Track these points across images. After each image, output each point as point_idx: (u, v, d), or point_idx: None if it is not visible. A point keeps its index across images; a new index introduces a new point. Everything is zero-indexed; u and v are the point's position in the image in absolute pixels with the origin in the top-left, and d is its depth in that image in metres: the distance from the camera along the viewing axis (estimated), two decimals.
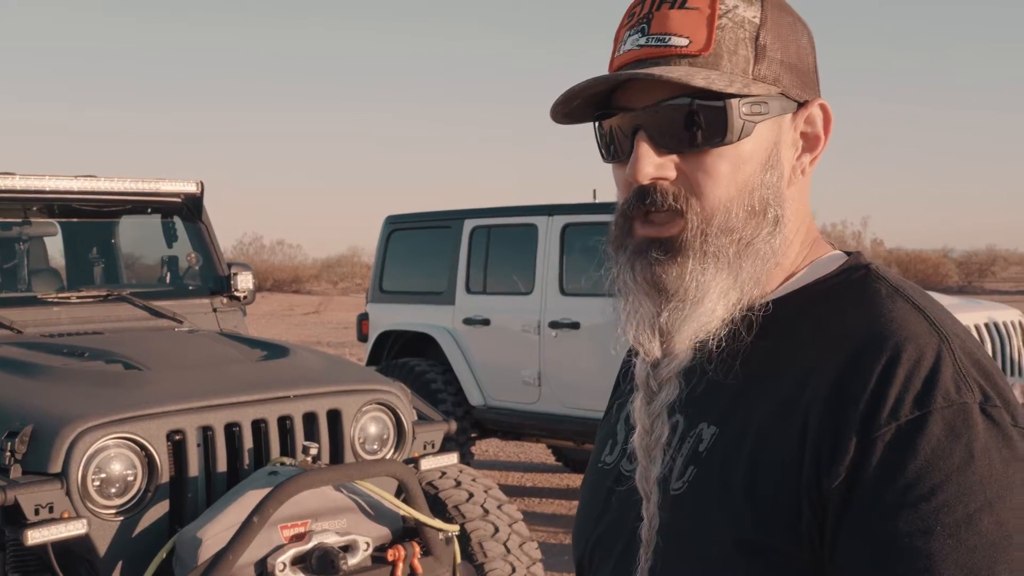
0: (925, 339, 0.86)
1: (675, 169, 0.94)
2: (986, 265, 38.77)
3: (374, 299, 8.01)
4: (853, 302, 0.93)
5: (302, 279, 39.92)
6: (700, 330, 0.93)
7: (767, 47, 0.94)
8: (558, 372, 6.65)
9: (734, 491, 0.88)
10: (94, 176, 4.73)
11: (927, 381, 0.83)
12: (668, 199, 0.93)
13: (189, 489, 3.25)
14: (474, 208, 7.46)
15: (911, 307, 0.91)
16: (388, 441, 3.76)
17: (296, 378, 3.67)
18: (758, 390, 0.92)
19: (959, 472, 0.79)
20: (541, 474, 8.38)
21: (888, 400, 0.83)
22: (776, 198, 0.95)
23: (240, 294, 4.96)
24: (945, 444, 0.80)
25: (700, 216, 0.93)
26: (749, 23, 0.93)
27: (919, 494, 0.79)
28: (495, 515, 4.04)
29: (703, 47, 0.92)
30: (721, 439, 0.92)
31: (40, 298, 4.47)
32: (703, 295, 0.92)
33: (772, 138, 0.95)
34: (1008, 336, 6.34)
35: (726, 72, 0.92)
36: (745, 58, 0.93)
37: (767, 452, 0.87)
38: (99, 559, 3.07)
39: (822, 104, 0.98)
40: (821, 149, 0.98)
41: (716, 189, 0.93)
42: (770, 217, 0.94)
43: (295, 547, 3.12)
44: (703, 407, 0.95)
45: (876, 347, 0.86)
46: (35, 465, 3.02)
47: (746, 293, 0.94)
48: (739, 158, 0.93)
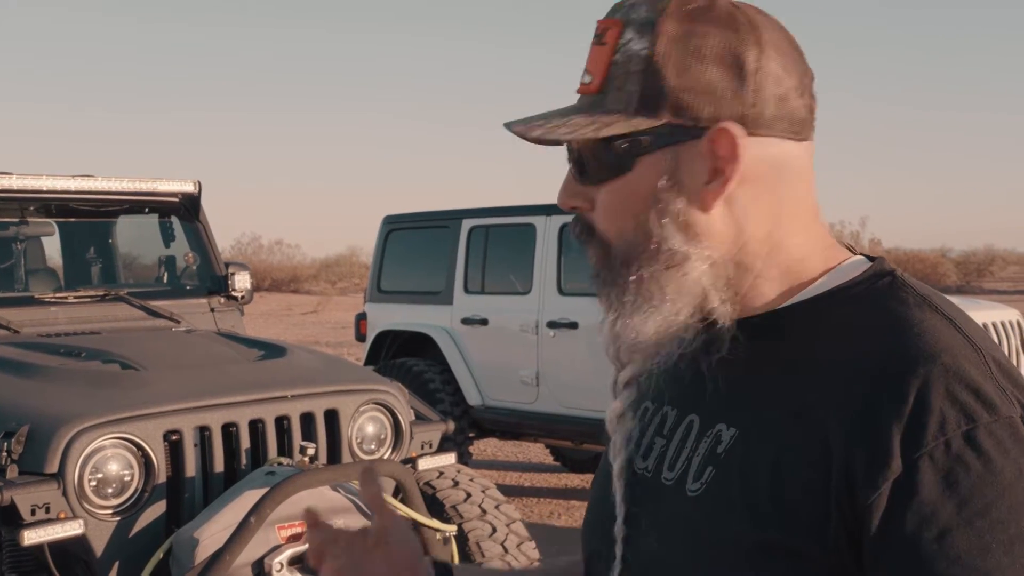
0: (962, 351, 0.85)
1: (588, 200, 0.99)
2: (984, 265, 38.81)
3: (372, 299, 8.00)
4: (881, 311, 0.92)
5: (300, 279, 39.90)
6: (633, 345, 0.97)
7: (656, 77, 0.93)
8: (556, 372, 6.65)
9: (757, 493, 0.87)
10: (91, 176, 4.73)
11: (971, 395, 0.82)
12: (577, 230, 1.00)
13: (186, 489, 3.24)
14: (472, 208, 7.46)
15: (941, 317, 0.90)
16: (386, 441, 3.76)
17: (294, 378, 3.66)
18: (780, 393, 0.91)
19: (1011, 488, 0.79)
20: (539, 474, 8.37)
21: (932, 415, 0.81)
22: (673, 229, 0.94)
23: (238, 294, 4.96)
24: (996, 459, 0.80)
25: (599, 250, 0.99)
26: (637, 57, 0.93)
27: (973, 511, 0.79)
28: (493, 515, 4.03)
29: (595, 88, 0.96)
30: (741, 441, 0.91)
31: (37, 298, 4.47)
32: (623, 314, 0.96)
33: (663, 169, 0.94)
34: (1007, 336, 6.34)
35: (604, 112, 0.94)
36: (631, 93, 0.94)
37: (791, 456, 0.87)
38: (96, 559, 3.07)
39: (720, 129, 0.93)
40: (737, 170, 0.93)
41: (609, 222, 0.97)
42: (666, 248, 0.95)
43: (292, 547, 3.12)
44: (722, 407, 0.95)
45: (912, 360, 0.85)
46: (32, 465, 3.01)
47: (691, 311, 0.95)
48: (628, 192, 0.95)
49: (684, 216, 0.94)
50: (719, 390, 0.95)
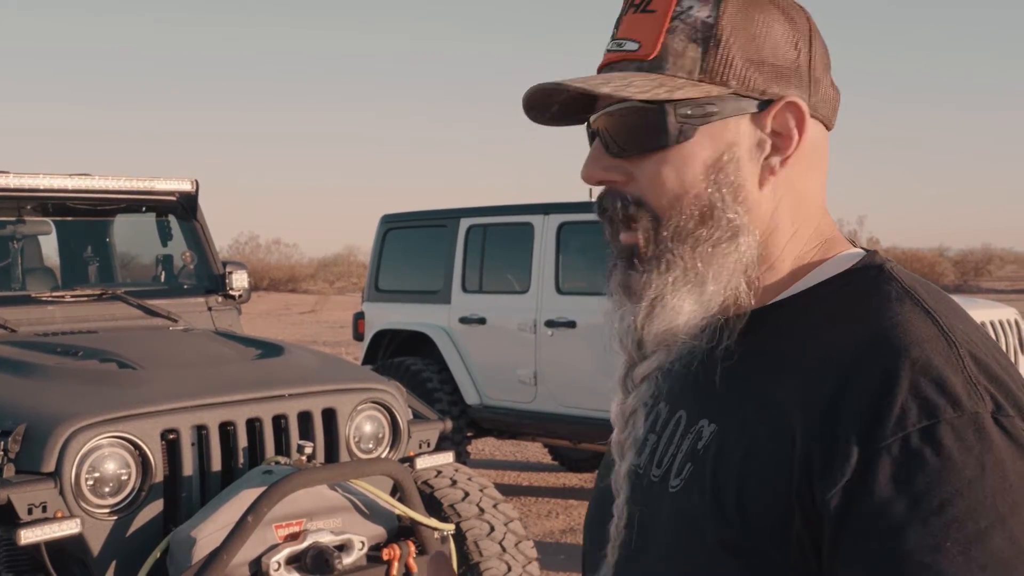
0: (932, 345, 0.83)
1: (625, 173, 0.94)
2: (982, 264, 38.86)
3: (370, 298, 8.00)
4: (861, 304, 0.90)
5: (298, 278, 39.89)
6: (664, 332, 0.93)
7: (721, 46, 0.92)
8: (554, 371, 6.65)
9: (724, 491, 0.86)
10: (89, 175, 4.72)
11: (935, 390, 0.80)
12: (617, 208, 0.95)
13: (183, 488, 3.24)
14: (470, 207, 7.45)
15: (920, 310, 0.88)
16: (383, 440, 3.75)
17: (291, 377, 3.66)
18: (758, 390, 0.90)
19: (970, 486, 0.76)
20: (537, 473, 8.37)
21: (893, 409, 0.79)
22: (731, 201, 0.93)
23: (235, 293, 4.95)
24: (955, 456, 0.77)
25: (649, 222, 0.94)
26: (702, 23, 0.92)
27: (928, 509, 0.76)
28: (491, 514, 4.03)
29: (649, 51, 0.92)
30: (718, 437, 0.91)
31: (34, 297, 4.46)
32: (661, 299, 0.93)
33: (726, 139, 0.93)
34: (1004, 335, 6.35)
35: (668, 75, 0.92)
36: (693, 59, 0.92)
37: (757, 454, 0.86)
38: (93, 559, 3.06)
39: (791, 102, 0.94)
40: (794, 148, 0.94)
41: (661, 195, 0.93)
42: (724, 221, 0.93)
43: (290, 546, 3.12)
44: (705, 403, 0.94)
45: (879, 352, 0.83)
46: (28, 464, 3.01)
47: (722, 297, 0.93)
48: (683, 162, 0.93)
49: (741, 190, 0.93)
50: (706, 386, 0.95)
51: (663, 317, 0.93)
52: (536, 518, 6.80)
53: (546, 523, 6.68)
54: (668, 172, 0.93)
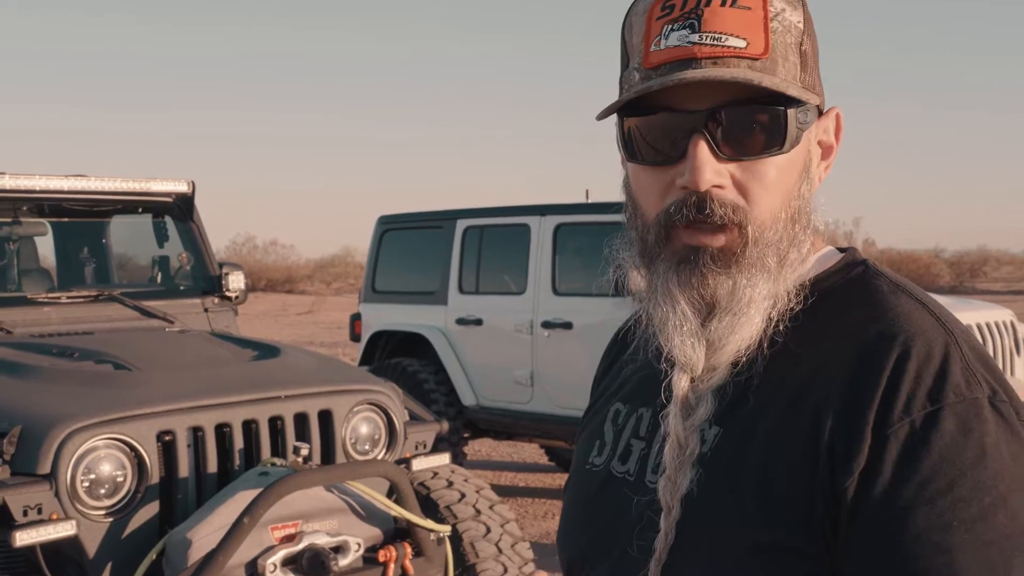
0: (932, 334, 0.87)
1: (729, 178, 0.90)
2: (977, 265, 38.88)
3: (367, 299, 7.99)
4: (857, 299, 0.93)
5: (295, 279, 39.86)
6: (744, 342, 0.91)
7: (808, 54, 0.92)
8: (551, 372, 6.65)
9: (743, 492, 0.87)
10: (85, 176, 4.71)
11: (938, 377, 0.83)
12: (727, 211, 0.90)
13: (179, 490, 3.23)
14: (467, 208, 7.45)
15: (915, 303, 0.91)
16: (379, 441, 3.75)
17: (287, 378, 3.65)
18: (762, 389, 0.91)
19: (973, 467, 0.80)
20: (534, 474, 8.37)
21: (900, 397, 0.83)
22: (808, 206, 0.94)
23: (231, 294, 4.94)
24: (959, 439, 0.81)
25: (754, 228, 0.90)
26: (795, 28, 0.91)
27: (935, 489, 0.80)
28: (487, 515, 4.03)
29: (762, 51, 0.88)
30: (725, 439, 0.91)
31: (30, 298, 4.45)
32: (749, 306, 0.90)
33: (808, 147, 0.94)
34: (1000, 336, 6.35)
35: (782, 78, 0.89)
36: (795, 64, 0.91)
37: (778, 452, 0.87)
38: (88, 560, 3.05)
39: (838, 113, 0.97)
40: (833, 156, 0.98)
41: (769, 200, 0.91)
42: (803, 225, 0.94)
43: (286, 548, 3.11)
44: None
45: (886, 344, 0.86)
46: (24, 466, 3.00)
47: (780, 300, 0.92)
48: (788, 167, 0.92)
49: (811, 198, 0.95)
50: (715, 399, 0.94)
51: (746, 326, 0.90)
52: (533, 519, 6.80)
53: (543, 524, 6.68)
54: (776, 177, 0.91)
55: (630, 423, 1.02)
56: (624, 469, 1.00)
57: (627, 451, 1.01)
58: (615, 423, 1.05)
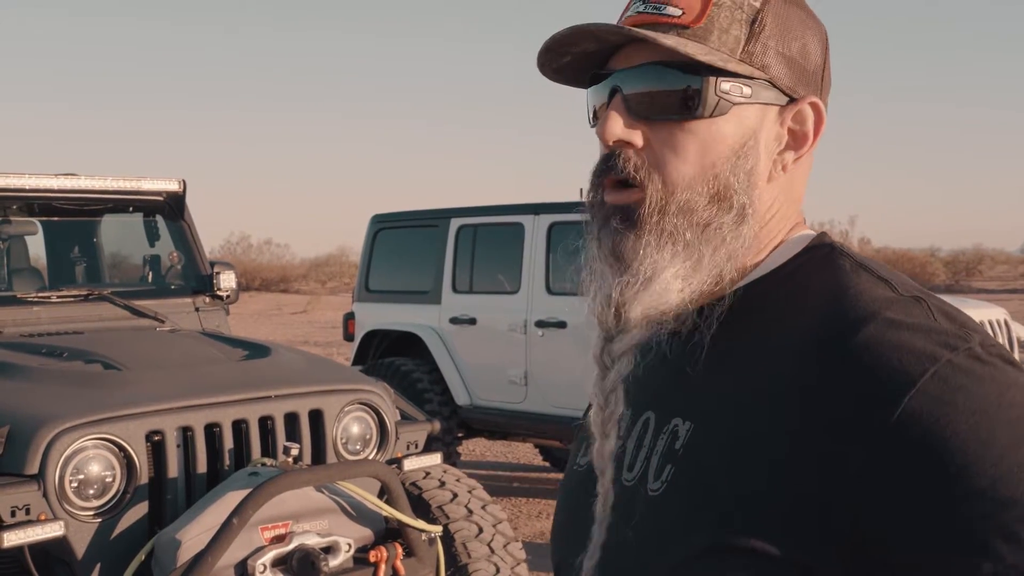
0: (900, 305, 0.84)
1: (643, 138, 0.92)
2: (973, 264, 38.99)
3: (360, 298, 7.98)
4: (819, 281, 0.91)
5: (290, 278, 39.85)
6: (652, 308, 0.91)
7: (763, 33, 0.92)
8: (544, 371, 6.63)
9: (717, 490, 0.84)
10: (75, 174, 4.69)
11: (924, 338, 0.80)
12: (629, 168, 0.91)
13: (168, 490, 3.21)
14: (460, 207, 7.44)
15: (876, 279, 0.89)
16: (371, 441, 3.73)
17: (278, 378, 3.64)
18: (730, 381, 0.88)
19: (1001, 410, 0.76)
20: (528, 474, 8.36)
21: (891, 372, 0.78)
22: (745, 187, 0.92)
23: (223, 293, 4.93)
24: (973, 388, 0.77)
25: (659, 191, 0.91)
26: (748, 6, 0.92)
27: (976, 449, 0.74)
28: (479, 515, 4.02)
29: (694, 19, 0.90)
30: (696, 435, 0.88)
31: (20, 297, 4.43)
32: (655, 273, 0.90)
33: (751, 125, 0.93)
34: (994, 335, 6.35)
35: (713, 48, 0.90)
36: (736, 38, 0.91)
37: (748, 447, 0.83)
38: (77, 561, 3.03)
39: (814, 103, 0.95)
40: (807, 148, 0.95)
41: (680, 166, 0.91)
42: (735, 205, 0.92)
43: (276, 548, 3.10)
44: (675, 401, 0.92)
45: (855, 323, 0.83)
46: (12, 466, 2.98)
47: (710, 281, 0.91)
48: (710, 137, 0.91)
49: (756, 176, 0.93)
50: (672, 384, 0.93)
51: (653, 293, 0.90)
52: (527, 519, 6.78)
53: (536, 524, 6.67)
54: (692, 144, 0.91)
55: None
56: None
57: None
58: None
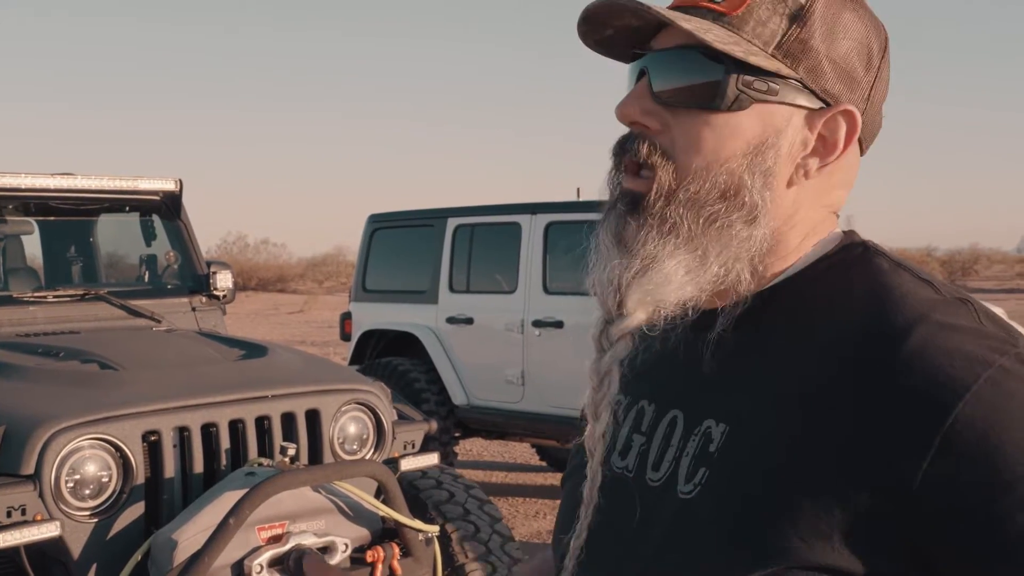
0: (947, 307, 0.83)
1: (660, 122, 0.90)
2: (969, 263, 39.09)
3: (357, 298, 7.97)
4: (858, 282, 0.88)
5: (287, 278, 39.82)
6: (650, 296, 0.89)
7: (804, 30, 0.89)
8: (542, 371, 6.63)
9: (756, 494, 0.82)
10: (71, 174, 4.68)
11: (975, 341, 0.79)
12: (643, 151, 0.90)
13: (165, 490, 3.21)
14: (457, 207, 7.43)
15: (917, 279, 0.87)
16: (368, 441, 3.73)
17: (274, 378, 3.63)
18: (765, 382, 0.87)
19: None
20: (525, 473, 8.36)
21: (942, 377, 0.77)
22: (759, 187, 0.89)
23: (219, 293, 4.92)
24: (1006, 407, 0.76)
25: (670, 179, 0.89)
26: (793, 1, 0.89)
27: (1014, 474, 0.74)
28: (476, 515, 4.01)
29: (732, 7, 0.88)
30: (733, 437, 0.86)
31: (16, 297, 4.42)
32: (654, 261, 0.88)
33: (776, 124, 0.89)
34: None
35: (744, 39, 0.88)
36: (773, 32, 0.88)
37: (791, 450, 0.81)
38: (73, 561, 3.03)
39: (849, 111, 0.91)
40: (835, 158, 0.91)
41: (694, 156, 0.89)
42: (746, 204, 0.89)
43: (272, 549, 3.09)
44: (705, 401, 0.90)
45: (904, 325, 0.81)
46: (7, 466, 2.97)
47: (718, 280, 0.89)
48: (728, 131, 0.89)
49: (771, 179, 0.90)
50: (702, 383, 0.91)
51: (652, 280, 0.89)
52: (524, 518, 6.78)
53: (533, 523, 6.67)
54: (708, 136, 0.89)
55: (630, 416, 0.98)
56: (623, 464, 0.96)
57: (627, 446, 0.97)
58: (615, 416, 1.00)
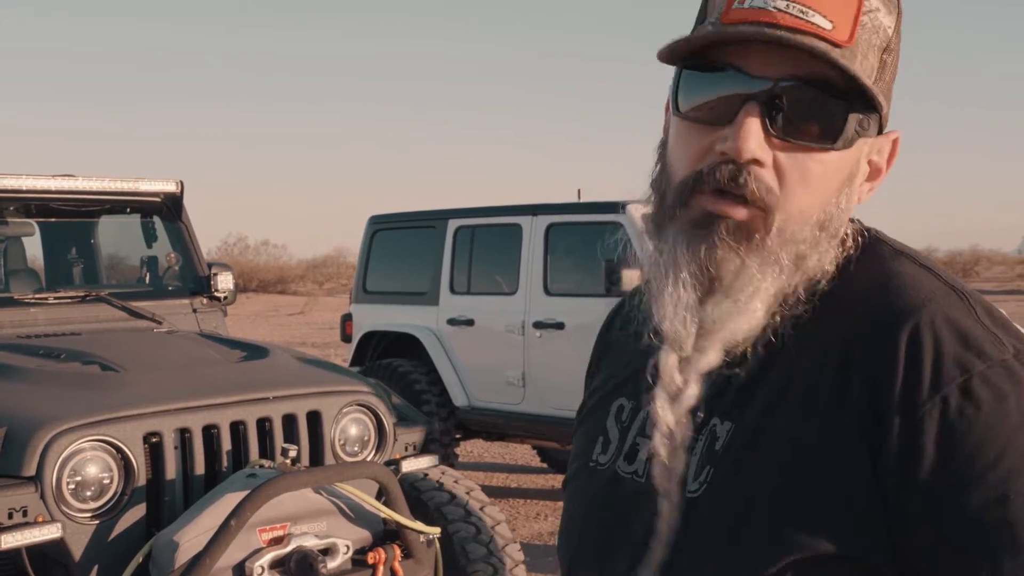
0: (945, 299, 0.83)
1: (771, 156, 0.85)
2: (970, 265, 39.11)
3: (358, 299, 7.97)
4: (860, 272, 0.89)
5: (287, 279, 39.80)
6: (739, 332, 0.86)
7: (888, 63, 0.87)
8: (542, 372, 6.63)
9: (762, 490, 0.83)
10: (72, 175, 4.68)
11: (960, 344, 0.79)
12: (761, 190, 0.84)
13: (166, 492, 3.21)
14: (458, 208, 7.43)
15: (918, 267, 0.87)
16: (369, 443, 3.73)
17: (276, 379, 3.63)
18: (771, 378, 0.87)
19: (1016, 432, 0.76)
20: (526, 475, 8.35)
21: (924, 373, 0.79)
22: (842, 218, 0.89)
23: (220, 295, 4.92)
24: (995, 407, 0.77)
25: (782, 217, 0.85)
26: (883, 31, 0.86)
27: (984, 464, 0.76)
28: (477, 517, 4.01)
29: (846, 38, 0.83)
30: (737, 435, 0.87)
31: (17, 299, 4.42)
32: (752, 297, 0.86)
33: (857, 158, 0.89)
34: None
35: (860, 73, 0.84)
36: (872, 67, 0.86)
37: (797, 447, 0.82)
38: (74, 563, 3.03)
39: (897, 135, 0.92)
40: (879, 181, 0.92)
41: (805, 195, 0.86)
42: (831, 235, 0.88)
43: (274, 550, 3.09)
44: (713, 401, 0.90)
45: (899, 317, 0.82)
46: (9, 468, 2.97)
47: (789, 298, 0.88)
48: (835, 169, 0.86)
49: (850, 207, 0.90)
50: (708, 383, 0.90)
51: (743, 319, 0.86)
52: (524, 520, 6.78)
53: (534, 525, 6.67)
54: (821, 174, 0.86)
55: (637, 420, 0.98)
56: (631, 469, 0.95)
57: (633, 450, 0.96)
58: (619, 419, 1.00)
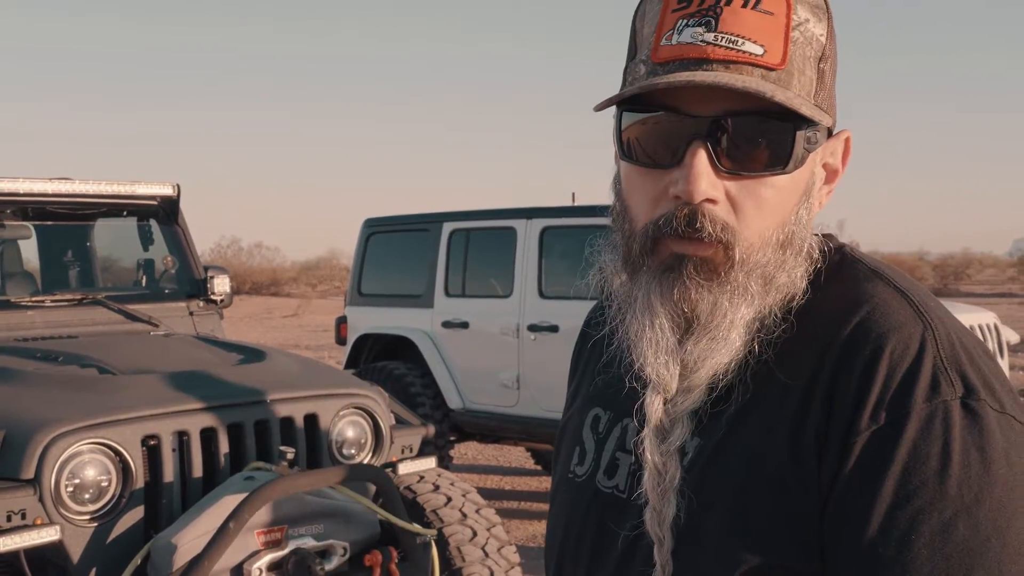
0: (909, 329, 0.82)
1: (722, 192, 0.84)
2: (961, 268, 39.17)
3: (352, 302, 7.98)
4: (832, 291, 0.88)
5: (281, 282, 39.77)
6: (720, 366, 0.86)
7: (826, 72, 0.86)
8: (537, 375, 6.65)
9: (724, 506, 0.84)
10: (69, 179, 4.69)
11: (906, 379, 0.79)
12: (717, 229, 0.84)
13: (164, 495, 3.22)
14: (453, 211, 7.45)
15: (893, 290, 0.86)
16: (366, 445, 3.74)
17: (273, 382, 3.64)
18: (741, 396, 0.87)
19: (935, 477, 0.76)
20: (520, 477, 8.36)
21: (868, 402, 0.79)
22: (804, 231, 0.88)
23: (217, 297, 4.93)
24: (921, 448, 0.77)
25: (741, 250, 0.85)
26: (816, 41, 0.85)
27: (895, 501, 0.76)
28: (473, 519, 4.03)
29: (779, 61, 0.82)
30: (704, 451, 0.88)
31: (13, 302, 4.42)
32: (730, 331, 0.85)
33: (812, 169, 0.88)
34: (983, 339, 6.39)
35: (795, 93, 0.84)
36: (810, 80, 0.85)
37: (752, 462, 0.84)
38: (73, 566, 3.04)
39: (848, 135, 0.91)
40: (837, 182, 0.92)
41: (762, 222, 0.85)
42: (796, 251, 0.88)
43: (271, 553, 3.10)
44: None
45: (859, 343, 0.82)
46: (7, 471, 2.98)
47: (765, 322, 0.88)
48: (788, 190, 0.86)
49: (810, 218, 0.90)
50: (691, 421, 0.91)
51: (724, 351, 0.86)
52: (519, 522, 6.79)
53: (528, 527, 6.68)
54: (775, 198, 0.85)
55: (614, 434, 0.98)
56: (612, 484, 0.95)
57: (613, 464, 0.96)
58: (595, 430, 1.00)
